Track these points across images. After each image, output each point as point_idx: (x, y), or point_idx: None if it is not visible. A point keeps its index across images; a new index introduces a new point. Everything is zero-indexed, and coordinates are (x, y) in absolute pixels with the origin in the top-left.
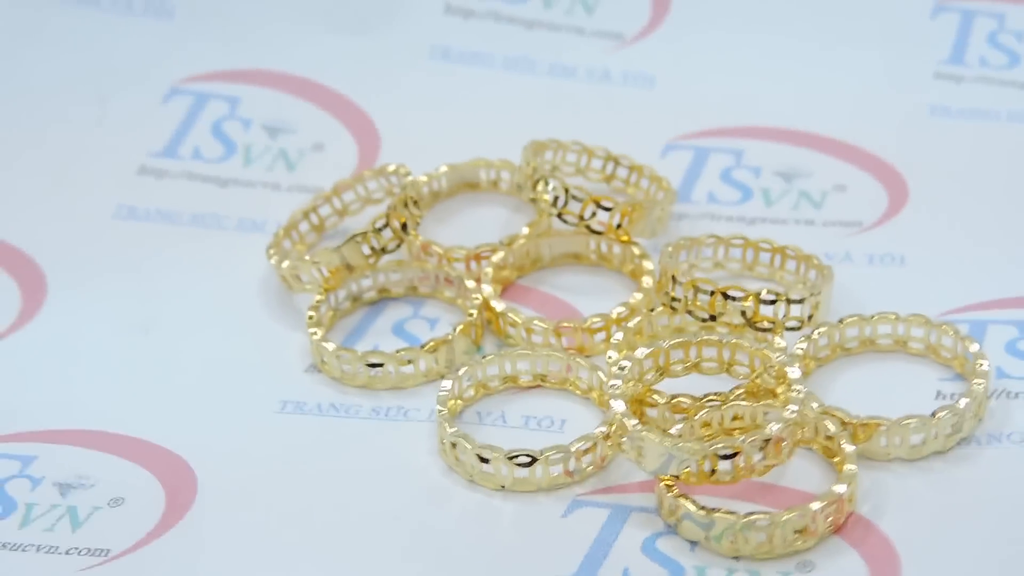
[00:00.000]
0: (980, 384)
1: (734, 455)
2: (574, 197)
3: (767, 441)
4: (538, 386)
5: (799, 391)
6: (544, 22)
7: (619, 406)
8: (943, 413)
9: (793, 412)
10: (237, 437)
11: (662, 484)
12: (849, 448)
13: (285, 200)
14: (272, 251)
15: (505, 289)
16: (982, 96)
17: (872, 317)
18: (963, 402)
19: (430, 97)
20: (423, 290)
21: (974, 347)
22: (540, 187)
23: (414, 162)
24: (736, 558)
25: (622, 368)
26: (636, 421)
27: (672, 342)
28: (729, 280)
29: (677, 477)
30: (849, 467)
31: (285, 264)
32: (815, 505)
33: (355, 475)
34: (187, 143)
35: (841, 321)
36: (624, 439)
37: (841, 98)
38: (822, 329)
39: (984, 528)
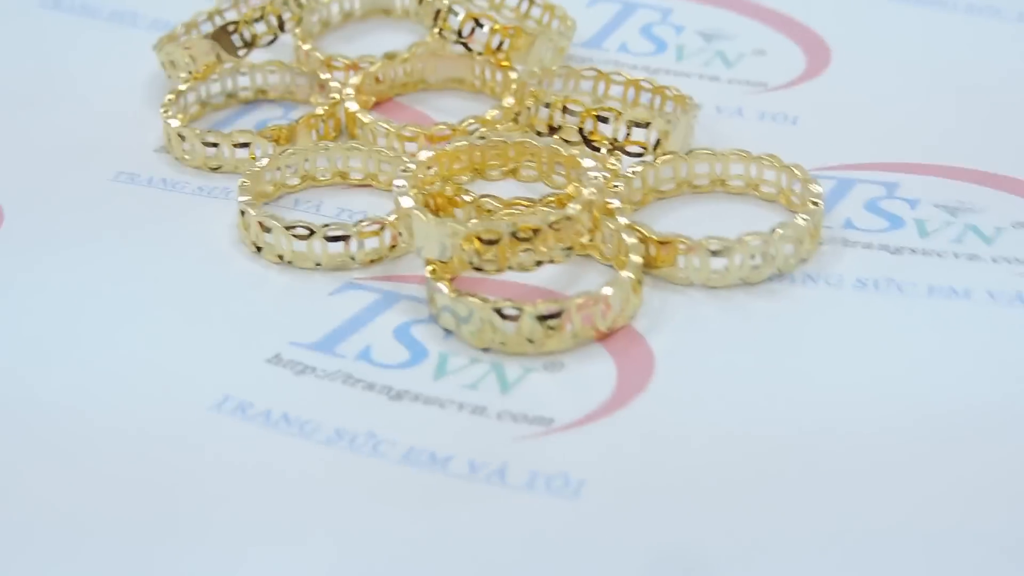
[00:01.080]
0: (805, 219)
1: (497, 240)
2: (452, 11)
3: (536, 231)
4: (369, 185)
5: (592, 191)
6: None
7: (399, 184)
8: (750, 238)
9: (574, 209)
10: (59, 195)
11: (428, 268)
12: (636, 259)
13: (206, 4)
14: (163, 42)
15: (380, 103)
16: None
17: (724, 153)
18: (777, 232)
19: None
20: (299, 96)
21: (816, 188)
22: (423, 1)
23: None
24: (486, 350)
25: (423, 158)
26: (411, 200)
27: (487, 141)
28: None
29: (446, 264)
30: (625, 274)
31: (163, 50)
32: (571, 302)
33: (151, 240)
34: None
35: (689, 152)
36: (400, 221)
37: None
38: (666, 157)
39: (762, 363)
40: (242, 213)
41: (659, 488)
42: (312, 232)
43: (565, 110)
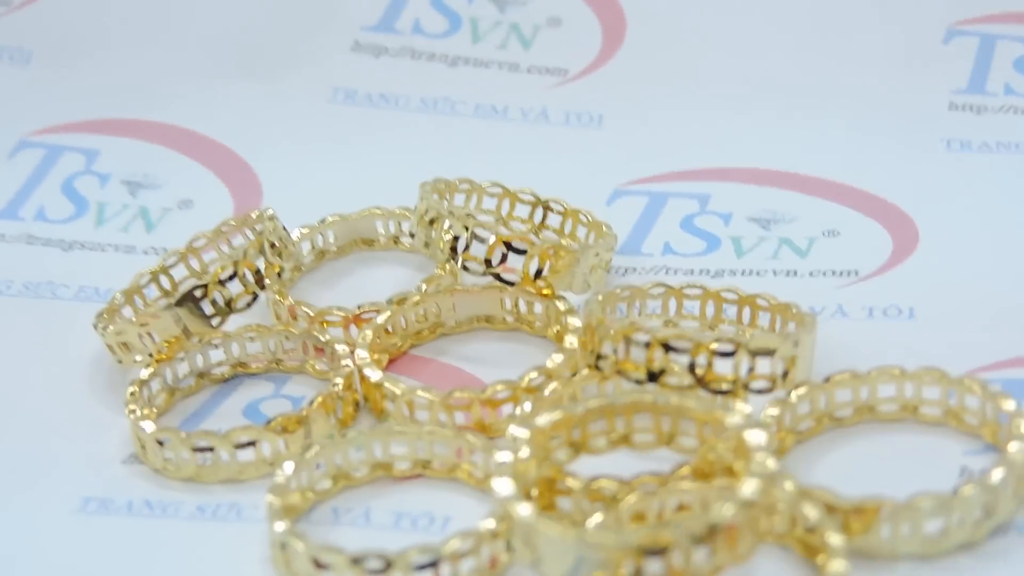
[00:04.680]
0: (1019, 450)
1: (665, 550)
2: (477, 237)
3: (713, 530)
4: (419, 475)
5: (765, 463)
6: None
7: (505, 487)
8: (970, 489)
9: (753, 490)
10: (18, 543)
11: None
12: (837, 542)
13: (141, 264)
14: (104, 318)
15: (394, 360)
16: (1008, 127)
17: (869, 374)
18: (997, 474)
19: (328, 146)
20: (289, 364)
21: (1009, 405)
22: (435, 227)
23: (304, 221)
24: None
25: (516, 439)
26: (530, 508)
27: (590, 406)
28: None
29: None
30: (836, 567)
31: (110, 329)
32: None
33: None
34: (31, 202)
35: (828, 380)
36: (514, 534)
37: (833, 135)
38: (801, 391)
39: None
40: (283, 547)
41: None
42: (389, 564)
43: (667, 348)
